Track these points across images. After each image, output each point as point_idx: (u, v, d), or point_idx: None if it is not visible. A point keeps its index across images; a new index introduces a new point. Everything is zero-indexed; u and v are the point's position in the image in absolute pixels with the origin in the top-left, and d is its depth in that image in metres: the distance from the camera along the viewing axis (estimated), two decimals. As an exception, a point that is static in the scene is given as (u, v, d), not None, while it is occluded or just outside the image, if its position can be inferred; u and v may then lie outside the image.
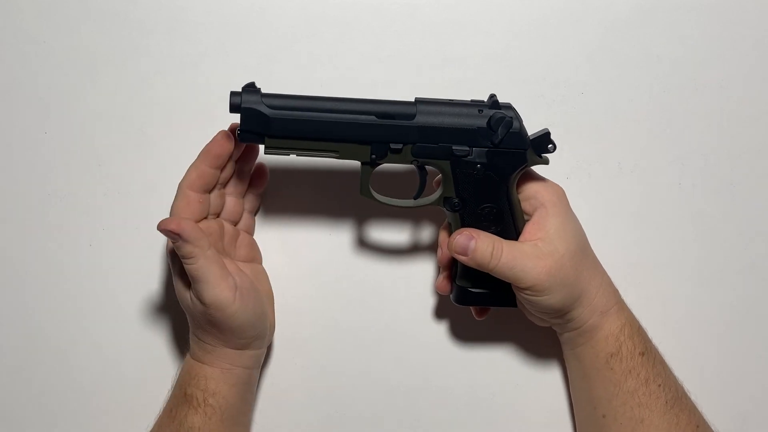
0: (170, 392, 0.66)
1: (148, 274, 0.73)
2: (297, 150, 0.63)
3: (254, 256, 0.69)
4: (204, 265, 0.59)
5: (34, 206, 0.73)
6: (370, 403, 0.73)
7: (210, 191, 0.64)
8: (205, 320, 0.62)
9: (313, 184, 0.72)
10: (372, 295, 0.73)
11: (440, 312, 0.73)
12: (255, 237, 0.72)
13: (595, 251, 0.66)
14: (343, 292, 0.73)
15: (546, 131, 0.63)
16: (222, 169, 0.64)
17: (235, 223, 0.68)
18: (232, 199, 0.67)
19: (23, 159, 0.73)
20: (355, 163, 0.64)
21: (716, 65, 0.74)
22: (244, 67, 0.72)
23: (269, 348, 0.72)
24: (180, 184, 0.63)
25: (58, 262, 0.73)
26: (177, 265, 0.62)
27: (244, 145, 0.65)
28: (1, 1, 0.72)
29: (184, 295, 0.62)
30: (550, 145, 0.63)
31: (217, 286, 0.60)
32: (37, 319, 0.73)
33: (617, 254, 0.68)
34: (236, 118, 0.62)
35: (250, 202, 0.69)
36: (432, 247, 0.73)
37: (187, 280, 0.62)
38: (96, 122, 0.73)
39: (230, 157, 0.64)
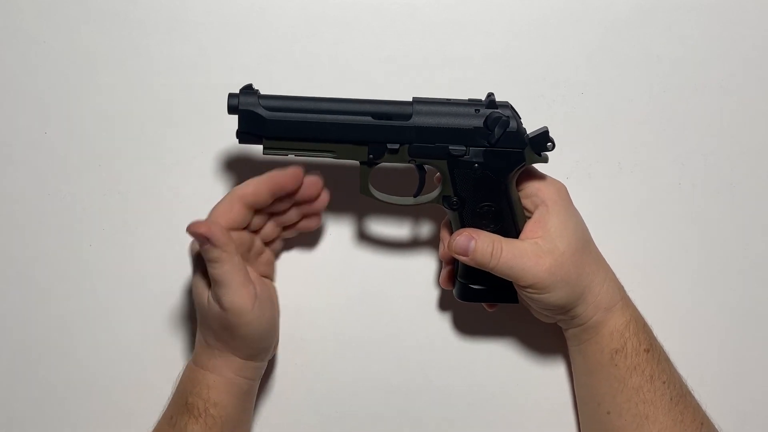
0: (170, 397, 0.65)
1: (148, 275, 0.72)
2: (295, 150, 0.63)
3: (270, 273, 0.70)
4: (229, 270, 0.59)
5: (34, 206, 0.73)
6: (371, 403, 0.73)
7: (257, 212, 0.64)
8: (219, 324, 0.61)
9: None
10: (372, 294, 0.73)
11: (442, 307, 0.73)
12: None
13: (595, 250, 0.66)
14: (343, 291, 0.73)
15: (545, 129, 0.63)
16: (278, 199, 0.64)
17: (267, 243, 0.69)
18: (273, 225, 0.67)
19: (23, 159, 0.73)
20: (355, 162, 0.64)
21: (716, 65, 0.74)
22: (244, 67, 0.73)
23: (269, 348, 0.72)
24: (233, 190, 0.63)
25: (58, 262, 0.73)
26: (200, 266, 0.62)
27: (314, 193, 0.66)
28: (1, 1, 0.72)
29: (203, 296, 0.62)
30: (549, 143, 0.63)
31: (238, 291, 0.60)
32: (37, 319, 0.73)
33: (617, 254, 0.68)
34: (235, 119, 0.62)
35: (288, 233, 0.70)
36: (432, 243, 0.73)
37: (208, 281, 0.61)
38: (96, 122, 0.73)
39: (290, 195, 0.65)
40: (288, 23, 0.73)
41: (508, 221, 0.64)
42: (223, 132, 0.66)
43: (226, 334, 0.62)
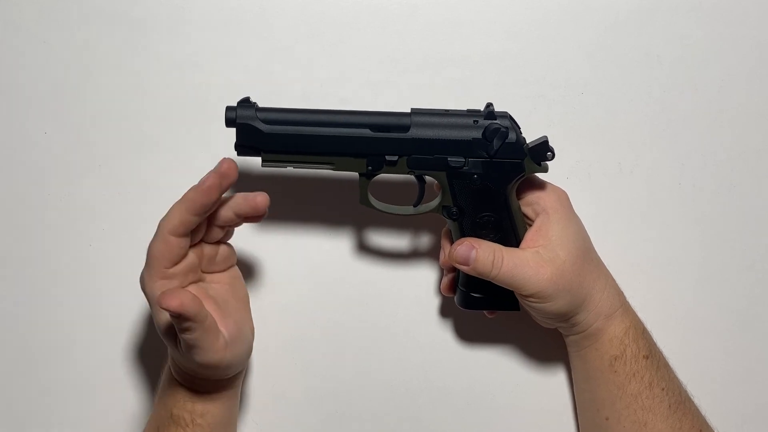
0: (154, 408, 0.65)
1: (148, 274, 0.72)
2: (293, 163, 0.63)
3: (231, 262, 0.66)
4: (200, 335, 0.57)
5: (34, 206, 0.73)
6: (370, 404, 0.73)
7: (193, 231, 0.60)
8: (192, 367, 0.61)
9: (315, 189, 0.72)
10: (372, 296, 0.73)
11: (443, 313, 0.73)
12: (254, 239, 0.72)
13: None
14: (343, 293, 0.73)
15: (544, 139, 0.62)
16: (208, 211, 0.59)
17: (217, 242, 0.64)
18: (217, 229, 0.62)
19: (23, 159, 0.73)
20: (355, 173, 0.64)
21: (716, 65, 0.74)
22: (244, 67, 0.72)
23: (269, 348, 0.72)
24: (161, 225, 0.59)
25: (58, 262, 0.73)
26: (163, 319, 0.59)
27: (235, 179, 0.59)
28: (1, 1, 0.72)
29: (172, 340, 0.60)
30: (548, 153, 0.62)
31: (210, 350, 0.58)
32: (36, 318, 0.73)
33: (617, 255, 0.68)
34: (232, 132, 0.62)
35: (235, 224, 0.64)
36: (433, 252, 0.73)
37: (175, 334, 0.58)
38: (96, 122, 0.73)
39: (218, 201, 0.59)
40: (288, 23, 0.73)
41: (508, 231, 0.64)
42: (223, 132, 0.66)
43: (201, 372, 0.61)
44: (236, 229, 0.72)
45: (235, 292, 0.65)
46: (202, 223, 0.61)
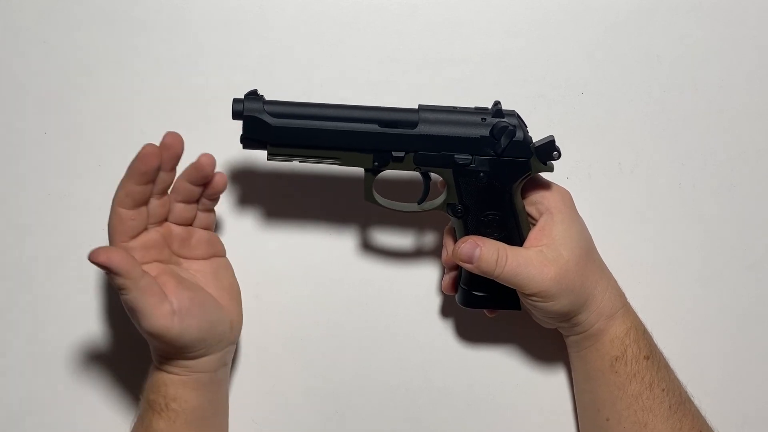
0: (141, 398, 0.66)
1: (148, 274, 0.72)
2: (299, 157, 0.63)
3: (214, 251, 0.67)
4: (137, 296, 0.57)
5: (34, 206, 0.73)
6: (370, 404, 0.73)
7: (145, 204, 0.61)
8: (149, 339, 0.61)
9: (318, 187, 0.73)
10: (372, 296, 0.73)
11: (444, 313, 0.73)
12: (256, 237, 0.72)
13: (595, 251, 0.66)
14: (344, 293, 0.73)
15: (551, 138, 0.63)
16: (154, 181, 0.60)
17: (188, 223, 0.65)
18: (180, 205, 0.64)
19: (23, 159, 0.73)
20: (360, 169, 0.64)
21: (716, 65, 0.74)
22: (244, 67, 0.73)
23: (269, 348, 0.72)
24: (113, 199, 0.60)
25: (58, 262, 0.73)
26: None
27: (180, 152, 0.61)
28: (1, 1, 0.72)
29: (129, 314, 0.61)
30: (555, 152, 0.62)
31: (152, 315, 0.58)
32: (36, 319, 0.73)
33: (617, 254, 0.68)
34: (235, 123, 0.62)
35: (204, 204, 0.65)
36: (435, 250, 0.73)
37: None
38: (96, 122, 0.73)
39: (160, 170, 0.60)
40: (288, 23, 0.73)
41: (513, 229, 0.64)
42: (224, 132, 0.66)
43: (160, 346, 0.61)
44: (237, 228, 0.72)
45: (219, 281, 0.66)
46: (162, 201, 0.62)
